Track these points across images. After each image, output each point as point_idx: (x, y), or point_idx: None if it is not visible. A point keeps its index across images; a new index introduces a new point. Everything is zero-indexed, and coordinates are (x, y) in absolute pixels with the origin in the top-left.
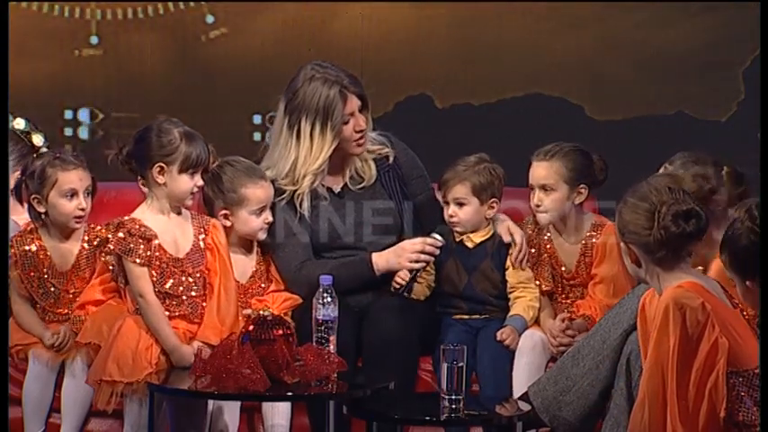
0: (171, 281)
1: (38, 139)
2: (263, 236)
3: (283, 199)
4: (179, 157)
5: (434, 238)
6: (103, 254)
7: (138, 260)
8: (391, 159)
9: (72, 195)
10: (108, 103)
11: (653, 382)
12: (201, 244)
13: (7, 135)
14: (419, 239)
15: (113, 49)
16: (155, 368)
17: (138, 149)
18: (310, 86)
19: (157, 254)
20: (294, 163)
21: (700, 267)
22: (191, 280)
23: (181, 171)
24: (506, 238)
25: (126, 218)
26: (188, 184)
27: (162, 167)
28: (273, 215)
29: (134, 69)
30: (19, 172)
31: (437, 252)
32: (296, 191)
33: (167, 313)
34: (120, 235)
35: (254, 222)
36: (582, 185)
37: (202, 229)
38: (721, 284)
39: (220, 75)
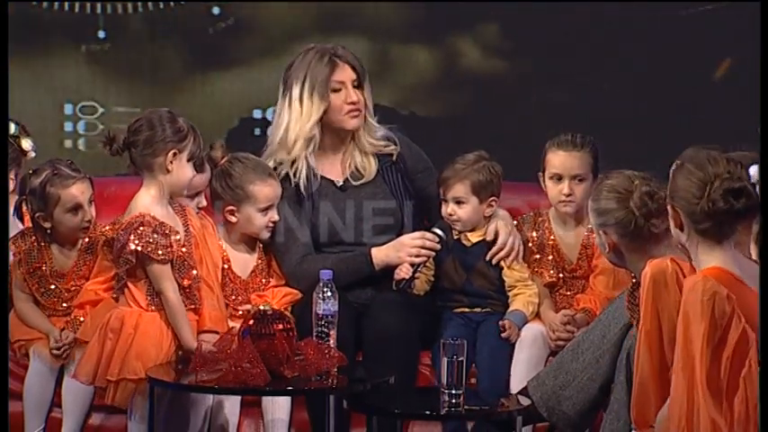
0: (187, 279)
1: (26, 144)
2: (266, 235)
3: (285, 189)
4: (189, 144)
5: (434, 232)
6: (124, 256)
7: (162, 257)
8: (395, 157)
9: (77, 209)
10: (109, 97)
11: (686, 374)
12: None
13: (7, 135)
14: (418, 234)
15: (120, 44)
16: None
17: (146, 137)
18: (305, 57)
19: (178, 250)
20: (286, 129)
21: None
22: (196, 270)
23: (189, 159)
24: (489, 237)
25: (138, 213)
26: (190, 173)
27: (175, 153)
28: (281, 205)
29: (135, 64)
30: (15, 182)
31: (437, 247)
32: (293, 165)
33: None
34: (141, 232)
35: (259, 220)
36: (600, 175)
37: (184, 215)
38: None
39: (223, 69)
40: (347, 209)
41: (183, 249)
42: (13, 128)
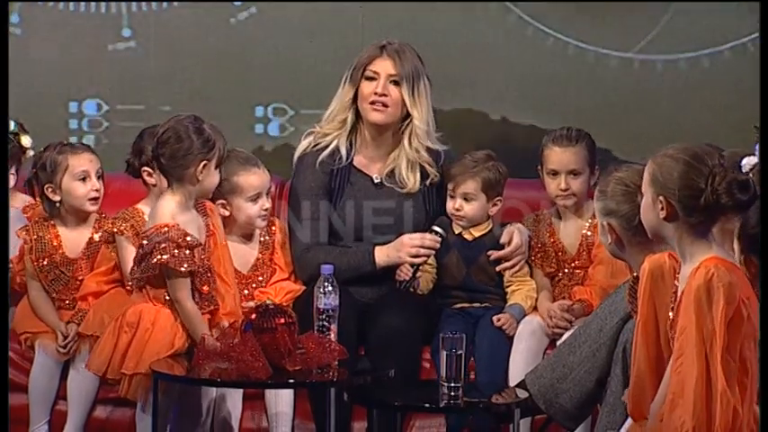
0: (207, 285)
1: (26, 141)
2: (261, 223)
3: (318, 178)
4: (217, 152)
5: (435, 231)
6: (147, 265)
7: (185, 270)
8: (435, 179)
9: (84, 178)
10: (114, 95)
11: (700, 360)
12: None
13: (7, 135)
14: (418, 234)
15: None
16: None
17: (174, 150)
18: (369, 46)
19: (200, 261)
20: (331, 109)
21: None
22: (214, 274)
23: (216, 166)
24: (504, 240)
25: (163, 224)
26: (217, 179)
27: (205, 164)
28: (305, 190)
29: (139, 61)
30: (15, 178)
31: (437, 246)
32: (324, 138)
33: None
34: (167, 246)
35: (250, 210)
36: (596, 168)
37: (206, 214)
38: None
39: (228, 66)
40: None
41: (204, 259)
42: (12, 125)
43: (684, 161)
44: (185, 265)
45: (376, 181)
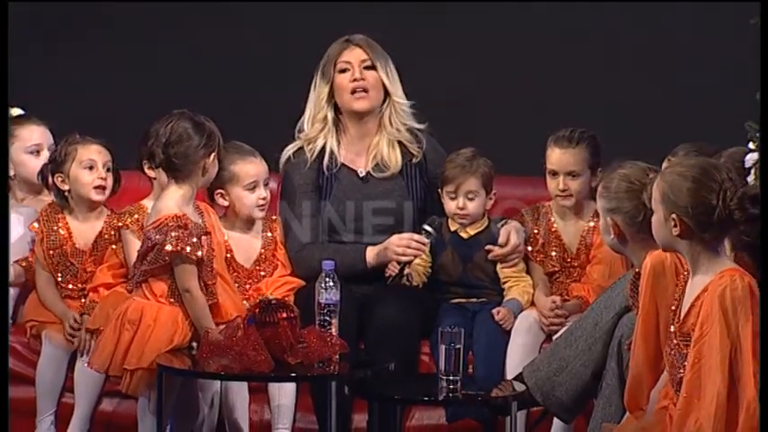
0: (210, 277)
1: (15, 111)
2: (259, 214)
3: (303, 176)
4: (216, 143)
5: (425, 229)
6: (157, 255)
7: (197, 258)
8: (418, 157)
9: (91, 167)
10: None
11: (722, 372)
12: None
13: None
14: (407, 235)
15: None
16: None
17: (179, 150)
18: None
19: (209, 251)
20: (308, 113)
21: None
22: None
23: (217, 156)
24: (502, 240)
25: (173, 215)
26: (217, 166)
27: (212, 156)
28: (294, 190)
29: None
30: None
31: (424, 245)
32: (309, 146)
33: None
34: (180, 234)
35: (247, 199)
36: (600, 169)
37: (200, 211)
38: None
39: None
40: (364, 200)
41: (210, 250)
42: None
43: (694, 178)
44: (198, 252)
45: (361, 175)
